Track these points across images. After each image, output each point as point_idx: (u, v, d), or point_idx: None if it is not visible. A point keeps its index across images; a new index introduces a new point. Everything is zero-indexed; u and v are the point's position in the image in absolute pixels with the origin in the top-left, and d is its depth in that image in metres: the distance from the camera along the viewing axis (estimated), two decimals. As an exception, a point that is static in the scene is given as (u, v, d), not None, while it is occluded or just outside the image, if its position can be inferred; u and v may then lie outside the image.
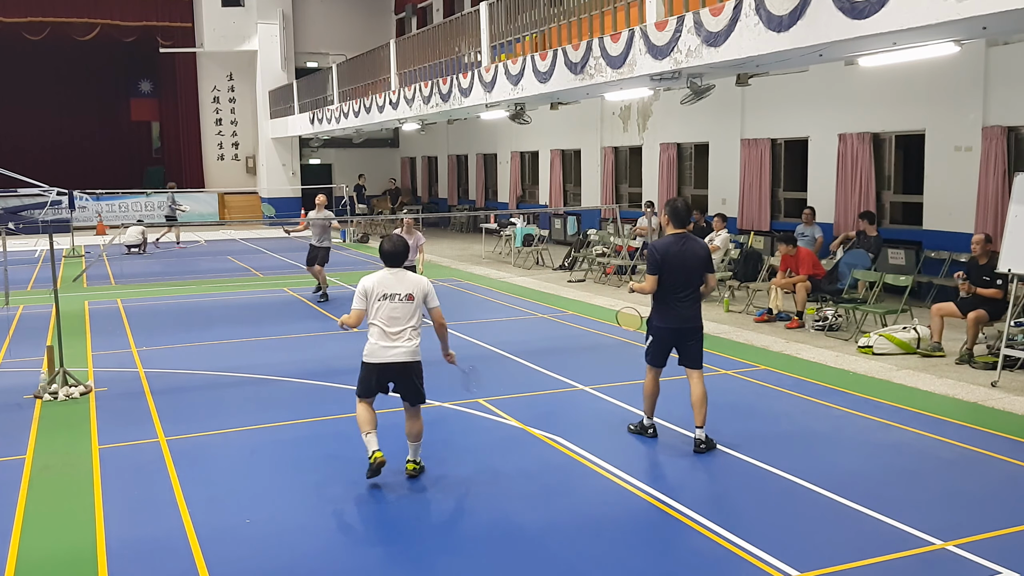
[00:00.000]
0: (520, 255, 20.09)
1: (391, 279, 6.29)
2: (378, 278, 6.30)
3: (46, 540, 5.59)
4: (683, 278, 6.92)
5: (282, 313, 14.04)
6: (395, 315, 6.22)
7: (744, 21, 10.00)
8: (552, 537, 5.51)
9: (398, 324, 6.22)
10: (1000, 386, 8.71)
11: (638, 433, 7.36)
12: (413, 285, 6.30)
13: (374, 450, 6.24)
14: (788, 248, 12.32)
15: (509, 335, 11.76)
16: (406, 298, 6.24)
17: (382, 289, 6.24)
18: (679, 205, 7.01)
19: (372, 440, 6.29)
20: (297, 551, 5.36)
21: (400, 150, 36.64)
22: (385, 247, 6.39)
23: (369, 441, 6.30)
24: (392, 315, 6.22)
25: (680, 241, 6.97)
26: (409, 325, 6.25)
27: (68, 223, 25.06)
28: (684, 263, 6.91)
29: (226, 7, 32.79)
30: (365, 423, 6.35)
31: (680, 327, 7.00)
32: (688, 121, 18.58)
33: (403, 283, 6.28)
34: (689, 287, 6.95)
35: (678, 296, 6.93)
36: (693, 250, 6.97)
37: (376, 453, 6.22)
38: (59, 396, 8.77)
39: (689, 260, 6.92)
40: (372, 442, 6.28)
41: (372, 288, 6.26)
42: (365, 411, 6.40)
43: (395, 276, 6.31)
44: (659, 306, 7.04)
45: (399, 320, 6.22)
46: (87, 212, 30.89)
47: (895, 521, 5.58)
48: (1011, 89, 12.43)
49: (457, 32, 18.21)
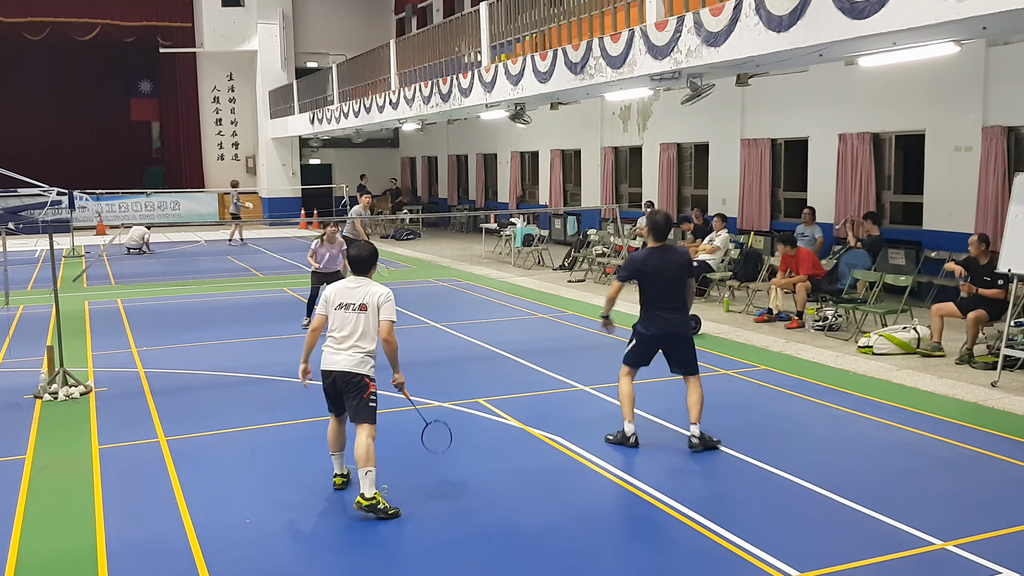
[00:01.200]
0: (520, 255, 20.09)
1: (350, 289, 5.92)
2: (340, 286, 5.98)
3: (46, 540, 5.59)
4: (666, 287, 7.01)
5: (282, 313, 14.03)
6: (345, 325, 5.85)
7: (744, 21, 10.00)
8: (552, 537, 5.51)
9: (347, 335, 5.85)
10: (1000, 386, 8.71)
11: (618, 443, 7.14)
12: (369, 295, 5.85)
13: (335, 473, 6.25)
14: (787, 248, 12.33)
15: (509, 335, 11.76)
16: (359, 308, 5.84)
17: (339, 299, 5.91)
18: (659, 219, 7.09)
19: (335, 461, 6.24)
20: (297, 551, 5.37)
21: (400, 150, 36.65)
22: (351, 253, 6.09)
23: (334, 461, 6.24)
24: (343, 325, 5.85)
25: (659, 253, 7.05)
26: (355, 336, 5.81)
27: (68, 223, 25.04)
28: (665, 273, 7.00)
29: (226, 7, 32.79)
30: (329, 443, 6.21)
31: (666, 334, 7.05)
32: (688, 121, 18.58)
33: (359, 293, 5.87)
34: (674, 296, 7.03)
35: (665, 305, 7.02)
36: (674, 260, 7.06)
37: (336, 478, 6.24)
38: (59, 396, 8.77)
39: (670, 270, 7.01)
40: (335, 464, 6.23)
41: (332, 296, 5.95)
42: (331, 429, 6.21)
43: (356, 285, 5.93)
44: (645, 314, 7.13)
45: (348, 331, 5.84)
46: (87, 212, 30.89)
47: (895, 521, 5.58)
48: (1011, 89, 12.43)
49: (457, 32, 18.21)
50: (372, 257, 6.04)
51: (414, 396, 8.67)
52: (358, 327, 5.82)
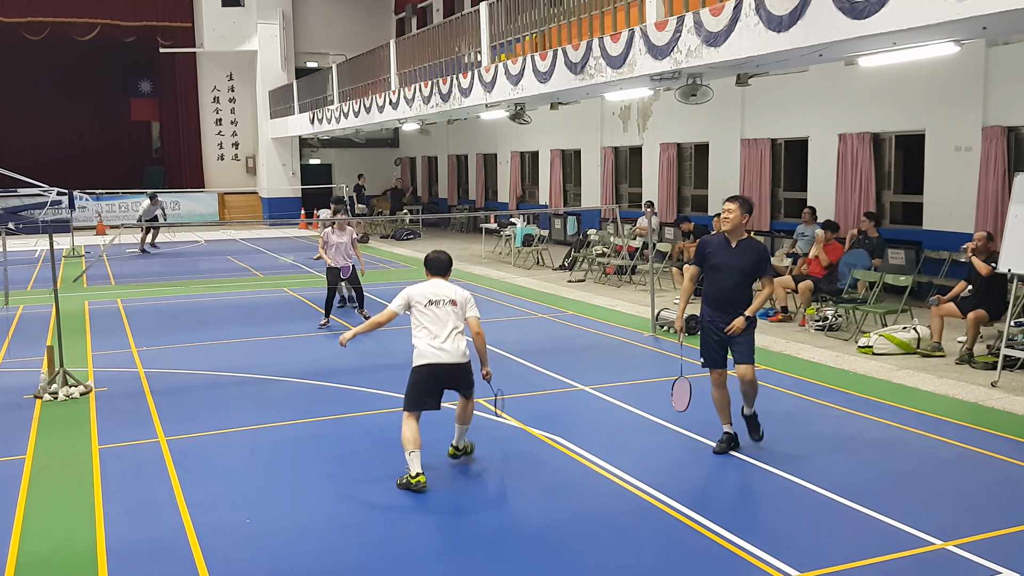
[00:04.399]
0: (520, 255, 20.09)
1: (434, 287, 6.58)
2: (422, 287, 6.60)
3: (46, 540, 5.58)
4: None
5: (282, 313, 14.03)
6: (440, 320, 6.44)
7: (744, 21, 10.00)
8: (552, 537, 5.51)
9: (447, 329, 6.42)
10: (1000, 386, 8.71)
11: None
12: (454, 292, 6.57)
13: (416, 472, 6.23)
14: (828, 235, 12.51)
15: (509, 335, 11.75)
16: (450, 303, 6.51)
17: (427, 297, 6.51)
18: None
19: (415, 460, 6.27)
20: (297, 551, 5.37)
21: (400, 150, 36.65)
22: (431, 256, 6.76)
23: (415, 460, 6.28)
24: (439, 320, 6.44)
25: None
26: (456, 329, 6.45)
27: (68, 223, 25.08)
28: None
29: (226, 7, 32.79)
30: (411, 441, 6.31)
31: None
32: (688, 121, 18.58)
33: (445, 290, 6.56)
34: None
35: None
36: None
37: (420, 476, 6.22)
38: (59, 396, 8.77)
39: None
40: (415, 463, 6.26)
41: (416, 295, 6.53)
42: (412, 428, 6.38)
43: (438, 284, 6.61)
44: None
45: (447, 325, 6.43)
46: (87, 212, 30.92)
47: (895, 521, 5.58)
48: (1011, 89, 12.43)
49: (457, 32, 18.21)
50: (450, 260, 6.78)
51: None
52: (451, 320, 6.44)
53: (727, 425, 6.97)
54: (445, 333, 6.38)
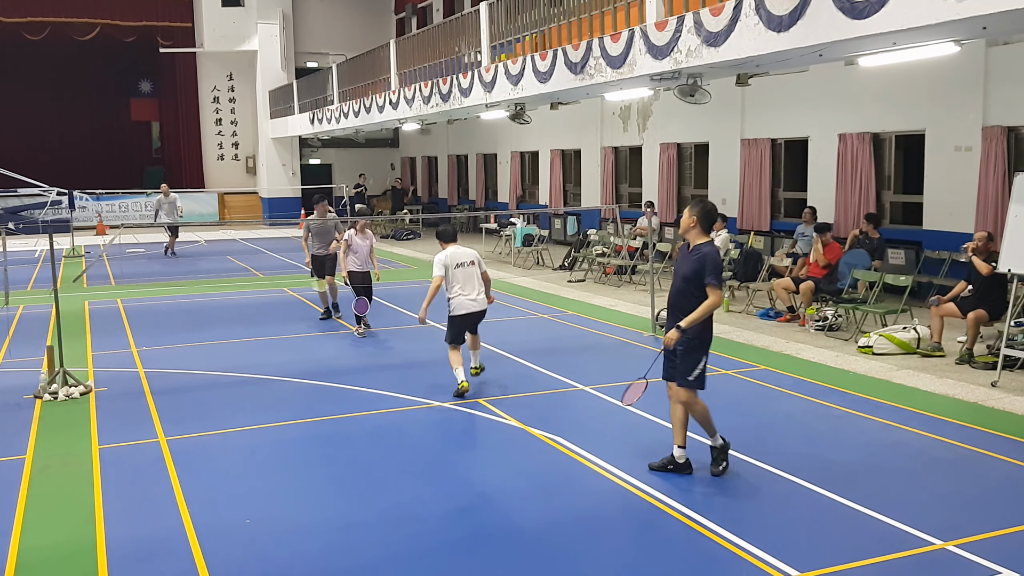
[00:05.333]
0: (520, 255, 20.09)
1: (458, 252, 8.75)
2: (451, 252, 8.74)
3: (46, 540, 5.59)
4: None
5: (282, 313, 14.04)
6: (468, 279, 8.69)
7: (744, 21, 10.00)
8: (552, 537, 5.51)
9: (474, 286, 8.69)
10: (1000, 386, 8.71)
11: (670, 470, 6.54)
12: (471, 255, 8.86)
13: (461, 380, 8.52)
14: (825, 237, 12.29)
15: (509, 335, 11.76)
16: (470, 264, 8.73)
17: (455, 260, 8.66)
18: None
19: (462, 373, 8.59)
20: (297, 551, 5.37)
21: (400, 150, 36.64)
22: (441, 228, 9.10)
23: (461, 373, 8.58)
24: (467, 279, 8.69)
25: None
26: (479, 285, 8.78)
27: (68, 223, 25.05)
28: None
29: (226, 7, 32.78)
30: (459, 361, 8.62)
31: None
32: (688, 121, 18.59)
33: (465, 254, 8.81)
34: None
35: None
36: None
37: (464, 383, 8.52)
38: (59, 396, 8.77)
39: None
40: (462, 374, 8.57)
41: (449, 260, 8.65)
42: (459, 354, 8.71)
43: (458, 248, 8.83)
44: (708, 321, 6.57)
45: (473, 283, 8.70)
46: (87, 212, 30.89)
47: (895, 521, 5.58)
48: (1011, 89, 12.43)
49: (457, 32, 18.20)
50: (455, 229, 9.14)
51: (415, 396, 8.70)
52: (475, 277, 8.71)
53: (675, 447, 6.49)
54: (475, 289, 8.64)
